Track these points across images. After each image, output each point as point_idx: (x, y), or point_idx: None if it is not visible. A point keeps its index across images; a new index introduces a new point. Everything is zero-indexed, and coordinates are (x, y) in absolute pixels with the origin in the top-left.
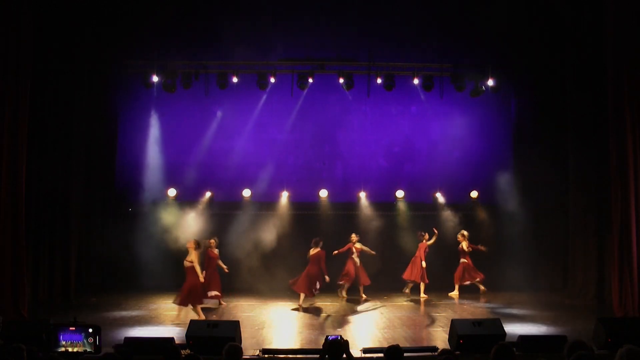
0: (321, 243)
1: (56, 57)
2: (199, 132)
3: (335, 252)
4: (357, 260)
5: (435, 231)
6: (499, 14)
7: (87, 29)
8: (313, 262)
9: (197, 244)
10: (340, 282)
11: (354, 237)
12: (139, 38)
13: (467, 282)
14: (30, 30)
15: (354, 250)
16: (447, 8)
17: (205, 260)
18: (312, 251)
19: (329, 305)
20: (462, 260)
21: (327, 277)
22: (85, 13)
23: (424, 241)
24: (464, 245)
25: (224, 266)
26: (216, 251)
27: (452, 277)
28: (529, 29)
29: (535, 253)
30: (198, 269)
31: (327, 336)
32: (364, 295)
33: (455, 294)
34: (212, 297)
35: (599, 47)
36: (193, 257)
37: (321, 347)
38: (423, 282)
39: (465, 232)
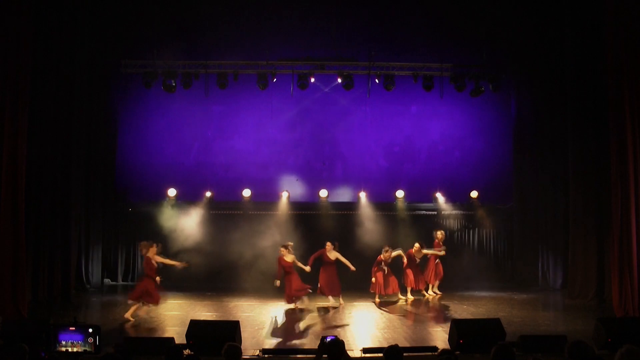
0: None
1: (56, 57)
2: (199, 132)
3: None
4: (438, 256)
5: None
6: (499, 13)
7: (87, 29)
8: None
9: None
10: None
11: (417, 245)
12: (138, 38)
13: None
14: (30, 29)
15: (437, 253)
16: (447, 8)
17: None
18: (331, 255)
19: (329, 305)
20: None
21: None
22: (85, 13)
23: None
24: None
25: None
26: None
27: (451, 274)
28: (529, 28)
29: (535, 253)
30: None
31: (323, 337)
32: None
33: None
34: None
35: (599, 46)
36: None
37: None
38: (377, 292)
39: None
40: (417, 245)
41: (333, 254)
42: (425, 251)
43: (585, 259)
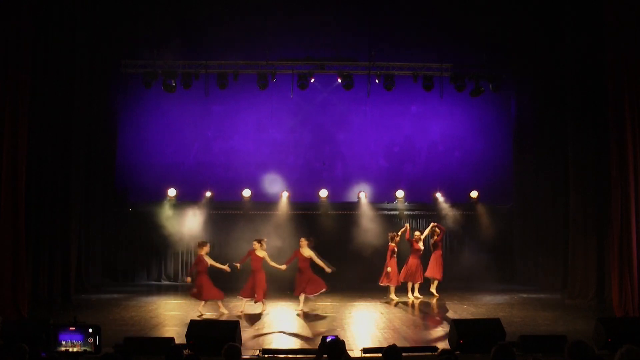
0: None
1: (56, 57)
2: (199, 132)
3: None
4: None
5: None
6: (499, 13)
7: (87, 29)
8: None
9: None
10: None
11: (417, 234)
12: (138, 38)
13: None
14: (30, 30)
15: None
16: (446, 8)
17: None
18: (305, 252)
19: (328, 305)
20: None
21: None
22: (85, 13)
23: (392, 242)
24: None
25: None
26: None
27: (451, 274)
28: (529, 28)
29: (535, 253)
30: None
31: (323, 336)
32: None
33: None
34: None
35: (599, 46)
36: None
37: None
38: (394, 284)
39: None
40: (417, 233)
41: (307, 252)
42: (425, 233)
43: (585, 259)
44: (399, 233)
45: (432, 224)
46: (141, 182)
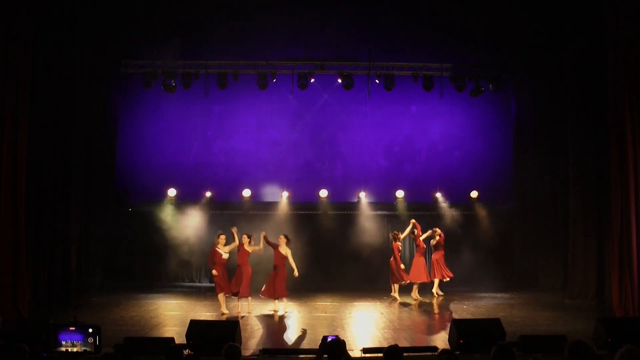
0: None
1: (56, 57)
2: (199, 132)
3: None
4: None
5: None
6: (499, 13)
7: (87, 29)
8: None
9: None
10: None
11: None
12: (138, 38)
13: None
14: (30, 30)
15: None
16: (447, 8)
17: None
18: (283, 250)
19: (328, 305)
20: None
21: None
22: (85, 13)
23: (397, 241)
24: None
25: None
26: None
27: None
28: (529, 28)
29: (535, 253)
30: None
31: (324, 336)
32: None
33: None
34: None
35: (599, 46)
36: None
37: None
38: (398, 282)
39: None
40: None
41: (285, 250)
42: (424, 236)
43: (585, 259)
44: (406, 231)
45: (429, 231)
46: (141, 182)
